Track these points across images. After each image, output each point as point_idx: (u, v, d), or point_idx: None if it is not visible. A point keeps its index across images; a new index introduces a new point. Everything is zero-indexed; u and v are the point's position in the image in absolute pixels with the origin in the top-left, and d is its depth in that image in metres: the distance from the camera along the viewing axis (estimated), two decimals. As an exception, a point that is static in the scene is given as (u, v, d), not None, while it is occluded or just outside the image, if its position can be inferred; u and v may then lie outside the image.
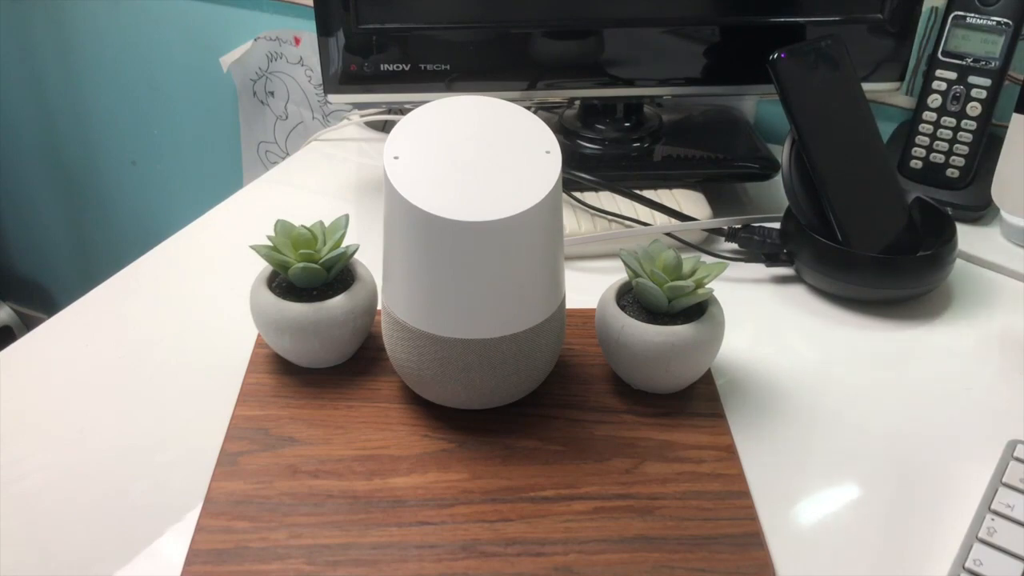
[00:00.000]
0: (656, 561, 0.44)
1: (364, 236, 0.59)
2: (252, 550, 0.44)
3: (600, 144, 0.79)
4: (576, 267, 0.69)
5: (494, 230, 0.44)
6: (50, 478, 0.49)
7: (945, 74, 0.74)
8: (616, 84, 0.75)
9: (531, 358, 0.49)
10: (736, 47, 0.74)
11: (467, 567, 0.43)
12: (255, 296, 0.53)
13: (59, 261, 1.56)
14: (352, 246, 0.54)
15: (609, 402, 0.54)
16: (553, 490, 0.47)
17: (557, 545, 0.44)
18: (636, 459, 0.50)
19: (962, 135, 0.75)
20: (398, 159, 0.46)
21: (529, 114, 0.49)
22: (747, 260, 0.70)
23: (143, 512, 0.47)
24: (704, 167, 0.77)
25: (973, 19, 0.72)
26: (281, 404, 0.53)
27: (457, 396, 0.50)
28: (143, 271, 0.68)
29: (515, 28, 0.72)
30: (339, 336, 0.53)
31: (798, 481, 0.49)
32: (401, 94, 0.74)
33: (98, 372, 0.57)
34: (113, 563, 0.44)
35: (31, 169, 1.45)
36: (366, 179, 0.83)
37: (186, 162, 1.29)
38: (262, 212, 0.76)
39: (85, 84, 1.29)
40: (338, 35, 0.71)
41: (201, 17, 1.13)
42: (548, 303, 0.49)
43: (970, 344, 0.61)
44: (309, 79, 1.06)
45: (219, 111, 1.19)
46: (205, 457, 0.49)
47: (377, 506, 0.46)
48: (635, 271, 0.53)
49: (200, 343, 0.60)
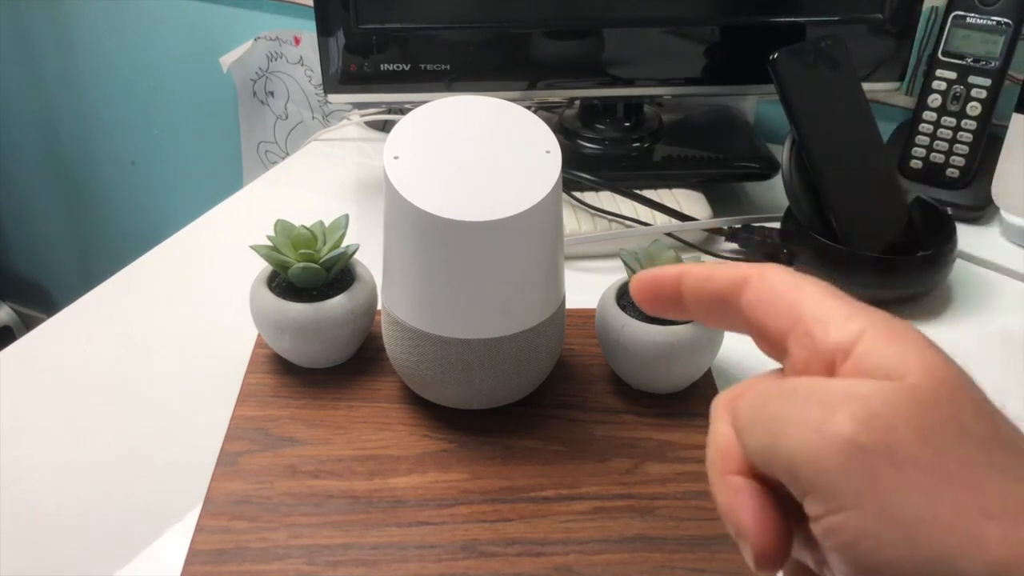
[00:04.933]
0: (656, 561, 0.44)
1: (364, 236, 0.59)
2: (252, 550, 0.44)
3: (600, 144, 0.78)
4: (576, 267, 0.69)
5: (494, 230, 0.44)
6: (50, 478, 0.49)
7: (945, 74, 0.74)
8: (616, 84, 0.75)
9: (531, 358, 0.49)
10: (736, 47, 0.74)
11: (467, 567, 0.43)
12: (255, 296, 0.53)
13: (59, 261, 1.56)
14: (352, 246, 0.54)
15: (609, 402, 0.54)
16: (553, 490, 0.47)
17: (557, 545, 0.44)
18: (636, 459, 0.49)
19: (962, 135, 0.75)
20: (398, 159, 0.46)
21: (529, 114, 0.49)
22: (747, 260, 0.70)
23: (143, 512, 0.47)
24: (704, 167, 0.77)
25: (973, 19, 0.72)
26: (281, 404, 0.53)
27: (457, 396, 0.50)
28: (143, 271, 0.68)
29: (515, 28, 0.72)
30: (339, 336, 0.53)
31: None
32: (401, 94, 0.74)
33: (98, 372, 0.57)
34: (113, 563, 0.44)
35: (31, 169, 1.45)
36: (366, 179, 0.83)
37: (186, 162, 1.29)
38: (262, 212, 0.76)
39: (85, 84, 1.29)
40: (338, 35, 0.71)
41: (201, 17, 1.13)
42: (548, 303, 0.49)
43: (970, 344, 0.61)
44: (309, 79, 1.06)
45: (219, 111, 1.19)
46: (205, 457, 0.49)
47: (377, 506, 0.46)
48: (635, 271, 0.53)
49: (200, 343, 0.60)
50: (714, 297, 0.25)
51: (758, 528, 0.21)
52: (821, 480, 0.19)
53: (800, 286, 0.23)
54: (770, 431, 0.21)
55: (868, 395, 0.19)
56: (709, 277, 0.25)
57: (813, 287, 0.23)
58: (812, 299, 0.23)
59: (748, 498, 0.22)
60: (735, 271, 0.25)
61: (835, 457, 0.19)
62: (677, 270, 0.26)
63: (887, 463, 0.19)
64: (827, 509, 0.19)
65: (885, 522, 0.18)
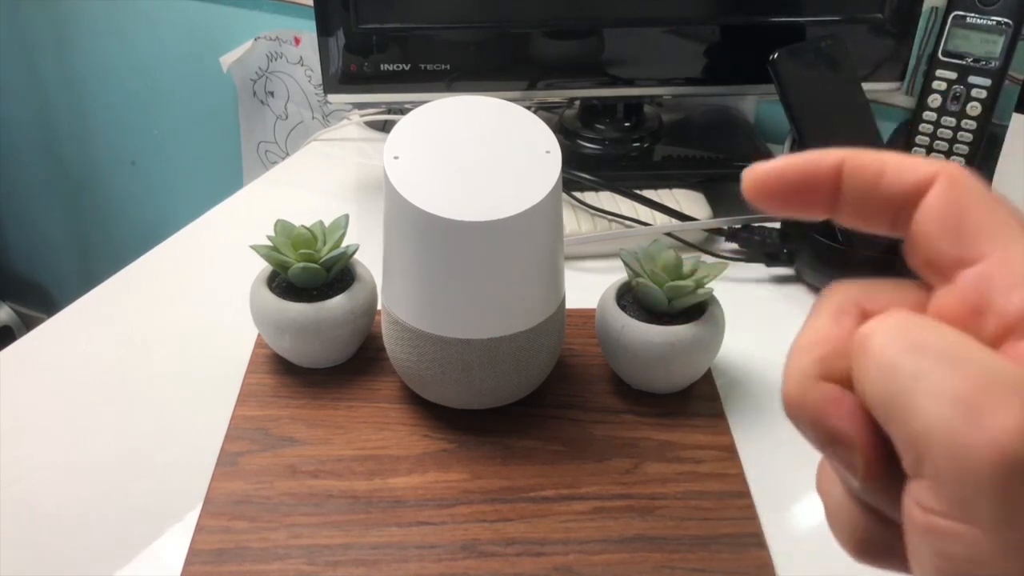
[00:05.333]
0: (656, 561, 0.44)
1: (364, 236, 0.59)
2: (252, 550, 0.44)
3: (600, 144, 0.78)
4: (576, 267, 0.69)
5: (494, 230, 0.44)
6: (50, 478, 0.49)
7: (945, 74, 0.74)
8: (616, 84, 0.75)
9: (531, 358, 0.49)
10: (736, 47, 0.74)
11: (467, 567, 0.43)
12: (255, 296, 0.53)
13: (59, 261, 1.56)
14: (352, 246, 0.54)
15: (609, 402, 0.54)
16: (553, 490, 0.47)
17: (557, 545, 0.44)
18: (636, 459, 0.49)
19: (962, 135, 0.75)
20: (398, 159, 0.46)
21: (529, 114, 0.49)
22: (747, 260, 0.70)
23: (143, 512, 0.47)
24: (704, 167, 0.77)
25: (973, 19, 0.72)
26: (281, 404, 0.53)
27: (457, 396, 0.50)
28: (143, 271, 0.68)
29: (515, 28, 0.72)
30: (339, 336, 0.53)
31: (798, 481, 0.49)
32: (401, 94, 0.74)
33: (98, 372, 0.57)
34: (113, 563, 0.44)
35: (31, 169, 1.44)
36: (366, 179, 0.83)
37: (186, 162, 1.29)
38: (262, 212, 0.76)
39: (85, 84, 1.29)
40: (338, 35, 0.71)
41: (201, 17, 1.13)
42: (548, 303, 0.49)
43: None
44: (309, 79, 1.06)
45: (219, 111, 1.19)
46: (205, 457, 0.49)
47: (377, 506, 0.46)
48: (635, 271, 0.53)
49: (200, 343, 0.60)
50: (887, 199, 0.20)
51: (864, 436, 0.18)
52: (956, 479, 0.16)
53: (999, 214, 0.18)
54: (908, 388, 0.16)
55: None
56: (882, 171, 0.20)
57: (1015, 221, 0.18)
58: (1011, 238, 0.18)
59: (849, 407, 0.18)
60: (918, 168, 0.19)
61: (985, 465, 0.15)
62: (836, 158, 0.20)
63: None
64: (947, 512, 0.16)
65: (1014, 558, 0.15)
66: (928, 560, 0.17)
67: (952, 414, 0.16)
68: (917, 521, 0.17)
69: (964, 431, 0.15)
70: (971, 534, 0.16)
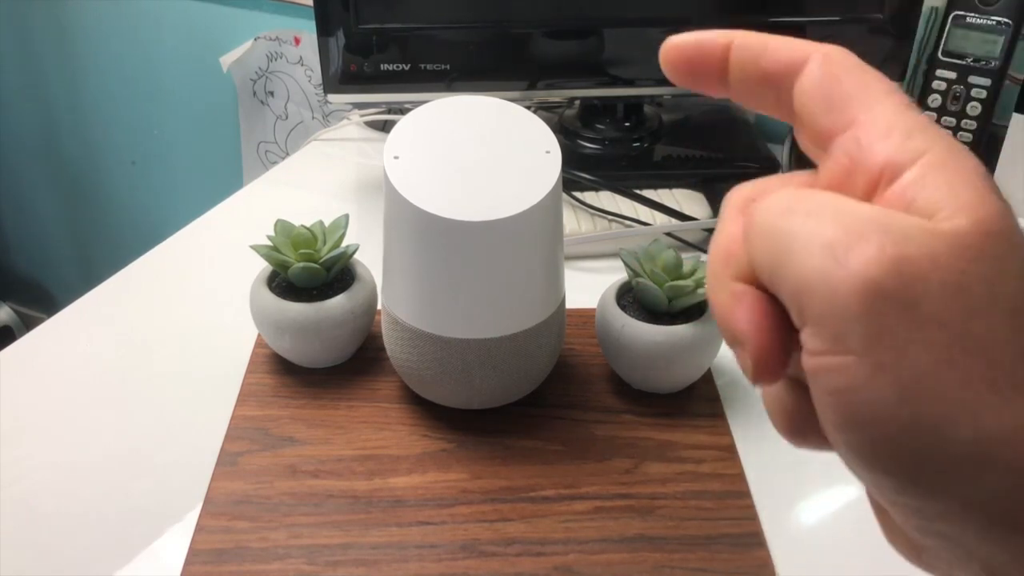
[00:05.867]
0: (656, 561, 0.44)
1: (364, 236, 0.59)
2: (252, 550, 0.44)
3: (600, 144, 0.78)
4: (576, 267, 0.69)
5: (494, 230, 0.44)
6: (50, 478, 0.49)
7: (945, 74, 0.74)
8: (616, 84, 0.75)
9: (531, 358, 0.49)
10: (736, 47, 0.74)
11: (467, 567, 0.43)
12: (255, 296, 0.53)
13: (59, 261, 1.56)
14: (352, 246, 0.54)
15: (609, 402, 0.54)
16: (553, 490, 0.47)
17: (557, 545, 0.44)
18: (636, 459, 0.49)
19: (962, 135, 0.75)
20: (398, 159, 0.46)
21: (529, 114, 0.49)
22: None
23: (143, 512, 0.47)
24: (704, 167, 0.77)
25: (973, 19, 0.72)
26: (281, 404, 0.53)
27: (457, 396, 0.50)
28: (143, 271, 0.68)
29: (515, 28, 0.72)
30: (339, 336, 0.53)
31: (798, 481, 0.49)
32: (401, 94, 0.74)
33: (98, 372, 0.57)
34: (113, 563, 0.44)
35: (31, 169, 1.45)
36: (366, 179, 0.83)
37: (186, 162, 1.29)
38: (262, 212, 0.76)
39: (85, 84, 1.29)
40: (338, 35, 0.71)
41: (201, 17, 1.13)
42: (548, 303, 0.49)
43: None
44: (309, 79, 1.06)
45: (219, 111, 1.19)
46: (205, 457, 0.49)
47: (377, 506, 0.46)
48: (635, 271, 0.53)
49: (200, 343, 0.60)
50: (766, 76, 0.21)
51: (758, 333, 0.19)
52: (829, 316, 0.17)
53: (866, 82, 0.20)
54: (785, 246, 0.18)
55: (906, 233, 0.17)
56: (764, 49, 0.22)
57: (881, 86, 0.19)
58: (875, 100, 0.19)
59: (749, 303, 0.20)
60: (795, 48, 0.21)
61: (851, 297, 0.17)
62: (726, 37, 0.23)
63: (906, 317, 0.17)
64: (827, 348, 0.17)
65: (885, 377, 0.17)
66: (822, 402, 0.18)
67: (822, 259, 0.17)
68: (809, 367, 0.18)
69: (833, 271, 0.17)
70: (847, 363, 0.17)
